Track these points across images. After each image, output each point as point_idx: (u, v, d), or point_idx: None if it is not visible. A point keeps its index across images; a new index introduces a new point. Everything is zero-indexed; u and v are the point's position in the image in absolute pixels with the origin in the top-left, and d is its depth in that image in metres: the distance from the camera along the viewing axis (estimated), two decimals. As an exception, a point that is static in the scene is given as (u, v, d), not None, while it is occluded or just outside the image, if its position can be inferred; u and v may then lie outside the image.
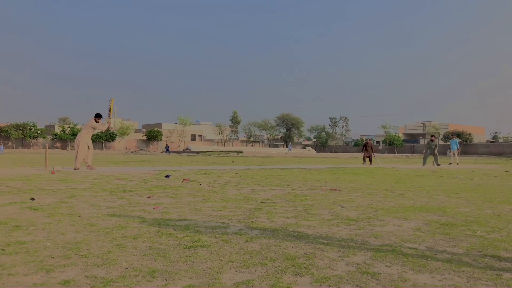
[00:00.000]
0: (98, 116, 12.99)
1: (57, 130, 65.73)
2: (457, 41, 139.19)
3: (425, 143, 21.34)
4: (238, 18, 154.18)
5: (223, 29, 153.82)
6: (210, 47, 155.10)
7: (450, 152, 23.91)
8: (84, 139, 12.65)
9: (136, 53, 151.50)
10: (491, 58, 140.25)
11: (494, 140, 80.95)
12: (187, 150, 61.79)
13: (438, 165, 19.87)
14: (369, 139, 23.01)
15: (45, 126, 72.05)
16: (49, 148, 13.22)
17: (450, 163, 22.73)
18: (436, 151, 20.42)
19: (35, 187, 7.37)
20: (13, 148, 58.79)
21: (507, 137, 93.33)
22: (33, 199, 5.82)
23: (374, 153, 21.98)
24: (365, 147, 21.86)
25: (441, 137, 73.87)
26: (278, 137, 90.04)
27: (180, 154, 49.79)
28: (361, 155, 29.39)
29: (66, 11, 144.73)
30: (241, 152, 44.32)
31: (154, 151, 68.23)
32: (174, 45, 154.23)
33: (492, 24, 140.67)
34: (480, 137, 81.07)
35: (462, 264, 2.91)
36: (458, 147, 23.92)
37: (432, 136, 21.72)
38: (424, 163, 20.63)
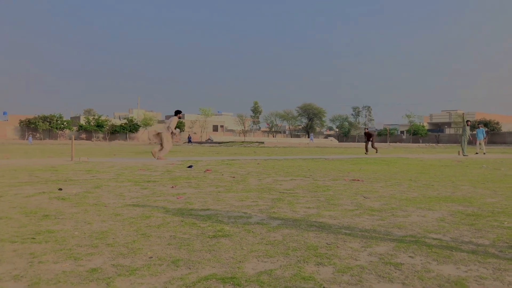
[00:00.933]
0: (179, 112, 14.29)
1: (82, 121, 67.33)
2: (486, 20, 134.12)
3: (461, 131, 20.72)
4: (256, 8, 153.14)
5: (243, 20, 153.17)
6: (233, 38, 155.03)
7: (476, 141, 23.32)
8: (168, 134, 13.78)
9: (159, 45, 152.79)
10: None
11: (524, 129, 78.20)
12: (209, 141, 62.29)
13: (465, 155, 19.50)
14: (367, 128, 22.87)
15: (71, 117, 73.83)
16: (74, 139, 13.58)
17: (477, 153, 22.17)
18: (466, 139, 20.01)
19: (62, 178, 7.59)
20: (41, 139, 60.63)
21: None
22: (60, 189, 6.00)
23: (373, 142, 21.61)
24: (366, 137, 21.67)
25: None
26: (300, 127, 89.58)
27: (202, 144, 50.25)
28: (384, 145, 28.98)
29: (87, 5, 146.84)
30: (263, 143, 44.36)
31: (177, 141, 69.06)
32: (196, 37, 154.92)
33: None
34: (509, 125, 78.47)
35: (488, 255, 2.85)
36: (484, 136, 23.33)
37: (467, 121, 20.97)
38: (464, 151, 20.00)
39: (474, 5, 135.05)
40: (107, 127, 66.75)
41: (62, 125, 62.97)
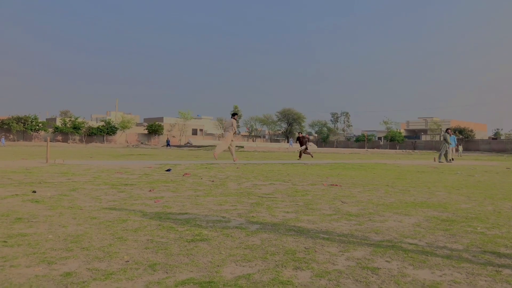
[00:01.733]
0: (235, 114, 16.02)
1: (58, 123, 65.79)
2: (459, 36, 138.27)
3: (441, 138, 21.51)
4: (239, 12, 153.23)
5: (224, 23, 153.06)
6: (212, 41, 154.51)
7: (448, 148, 24.09)
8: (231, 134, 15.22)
9: (137, 47, 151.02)
10: (492, 54, 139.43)
11: (496, 137, 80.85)
12: (188, 144, 61.87)
13: (451, 160, 20.19)
14: (300, 133, 22.99)
15: (46, 119, 72.15)
16: (50, 141, 13.26)
17: (452, 159, 22.97)
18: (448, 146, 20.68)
19: (36, 180, 7.39)
20: (14, 140, 58.92)
21: (509, 134, 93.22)
22: (34, 191, 5.84)
23: (306, 147, 21.11)
24: (300, 141, 21.18)
25: (442, 133, 73.78)
26: (280, 132, 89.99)
27: (181, 148, 49.84)
28: (361, 150, 29.32)
29: (68, 5, 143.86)
30: (242, 147, 44.33)
31: (155, 145, 68.34)
32: (176, 39, 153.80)
33: (494, 20, 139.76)
34: (482, 133, 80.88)
35: (462, 260, 2.92)
36: (456, 143, 24.34)
37: (448, 129, 21.95)
38: (441, 157, 20.61)
39: (452, 16, 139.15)
40: (84, 129, 65.42)
41: (37, 127, 61.32)
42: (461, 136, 63.86)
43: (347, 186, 7.61)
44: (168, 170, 10.27)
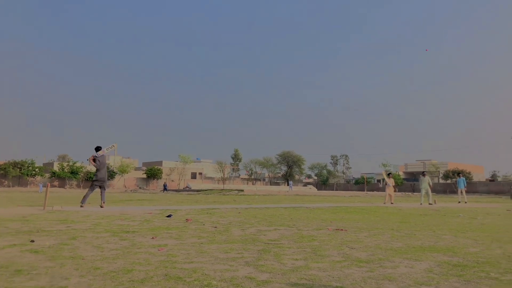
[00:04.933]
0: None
1: (55, 168, 65.52)
2: (455, 78, 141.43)
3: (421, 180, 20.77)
4: (235, 53, 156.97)
5: (225, 69, 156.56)
6: (212, 84, 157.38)
7: (458, 190, 23.75)
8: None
9: (137, 89, 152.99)
10: (486, 97, 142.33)
11: (493, 179, 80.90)
12: (187, 188, 61.43)
13: (430, 203, 19.40)
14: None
15: (44, 164, 71.85)
16: (45, 187, 13.14)
17: (459, 202, 22.61)
18: (429, 189, 19.88)
19: (34, 228, 7.24)
20: (9, 186, 58.34)
21: (506, 176, 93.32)
22: (32, 241, 5.70)
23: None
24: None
25: (441, 175, 73.69)
26: (279, 174, 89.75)
27: (179, 192, 49.43)
28: (361, 193, 29.00)
29: (65, 47, 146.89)
30: (242, 190, 44.02)
31: (154, 189, 67.80)
32: (176, 82, 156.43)
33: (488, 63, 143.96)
34: (479, 175, 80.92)
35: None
36: (465, 185, 23.75)
37: (424, 172, 21.56)
38: (430, 198, 20.06)
39: (439, 59, 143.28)
40: (82, 174, 65.07)
41: (34, 172, 60.92)
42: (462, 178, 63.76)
43: (352, 230, 7.48)
44: (169, 216, 10.11)
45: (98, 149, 13.57)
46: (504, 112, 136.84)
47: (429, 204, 19.43)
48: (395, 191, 23.05)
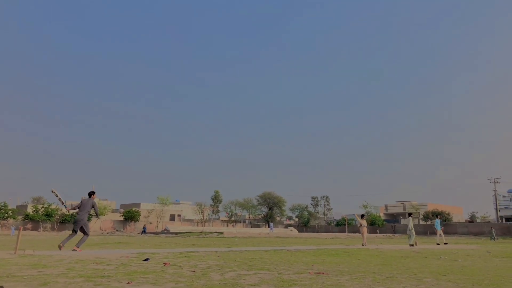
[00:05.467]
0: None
1: (29, 210, 63.20)
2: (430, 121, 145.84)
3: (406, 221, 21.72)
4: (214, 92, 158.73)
5: (201, 108, 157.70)
6: (190, 124, 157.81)
7: (437, 232, 24.47)
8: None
9: (114, 134, 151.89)
10: (465, 140, 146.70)
11: (472, 220, 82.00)
12: (165, 231, 59.94)
13: (410, 245, 19.83)
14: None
15: (17, 206, 69.34)
16: (17, 230, 12.60)
17: (437, 243, 23.03)
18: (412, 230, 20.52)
19: (3, 273, 6.89)
20: (-21, 229, 55.75)
21: (484, 217, 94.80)
22: (1, 287, 5.42)
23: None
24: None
25: (421, 216, 74.24)
26: (260, 216, 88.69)
27: (157, 235, 48.13)
28: (343, 235, 29.04)
29: (47, 89, 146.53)
30: (222, 233, 43.15)
31: (131, 231, 65.86)
32: (153, 122, 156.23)
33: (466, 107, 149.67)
34: (459, 216, 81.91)
35: None
36: (442, 226, 24.63)
37: (410, 213, 22.37)
38: (412, 240, 20.44)
39: (416, 100, 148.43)
40: (57, 216, 62.86)
41: (6, 214, 58.55)
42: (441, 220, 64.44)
43: (334, 273, 7.38)
44: (146, 259, 9.80)
45: (91, 194, 13.57)
46: (479, 154, 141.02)
47: (410, 245, 19.61)
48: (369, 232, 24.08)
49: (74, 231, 13.05)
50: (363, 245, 19.21)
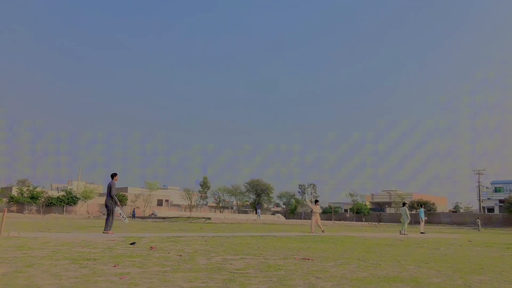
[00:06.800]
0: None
1: (14, 192, 62.54)
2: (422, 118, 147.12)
3: (398, 210, 22.44)
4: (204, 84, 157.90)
5: (192, 90, 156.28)
6: (179, 109, 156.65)
7: (421, 221, 25.13)
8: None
9: (103, 116, 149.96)
10: (453, 134, 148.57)
11: (456, 210, 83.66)
12: (152, 216, 59.92)
13: (404, 233, 20.41)
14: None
15: (1, 188, 68.48)
16: (1, 212, 12.46)
17: (421, 232, 23.62)
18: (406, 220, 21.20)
19: (-12, 255, 6.84)
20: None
21: (467, 207, 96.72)
22: (-14, 268, 5.39)
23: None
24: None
25: (407, 206, 75.43)
26: (248, 202, 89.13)
27: (145, 219, 48.11)
28: (329, 222, 29.40)
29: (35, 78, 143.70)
30: (209, 218, 43.34)
31: (117, 216, 65.64)
32: (143, 107, 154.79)
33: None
34: (443, 206, 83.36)
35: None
36: (424, 216, 25.35)
37: (404, 203, 22.96)
38: (405, 229, 21.00)
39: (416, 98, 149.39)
40: (43, 199, 62.32)
41: (-10, 196, 57.95)
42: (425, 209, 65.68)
43: (319, 260, 7.49)
44: (133, 243, 9.80)
45: (113, 176, 13.93)
46: (463, 147, 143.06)
47: (403, 234, 20.27)
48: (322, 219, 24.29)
49: (108, 214, 13.80)
50: (311, 233, 18.90)
